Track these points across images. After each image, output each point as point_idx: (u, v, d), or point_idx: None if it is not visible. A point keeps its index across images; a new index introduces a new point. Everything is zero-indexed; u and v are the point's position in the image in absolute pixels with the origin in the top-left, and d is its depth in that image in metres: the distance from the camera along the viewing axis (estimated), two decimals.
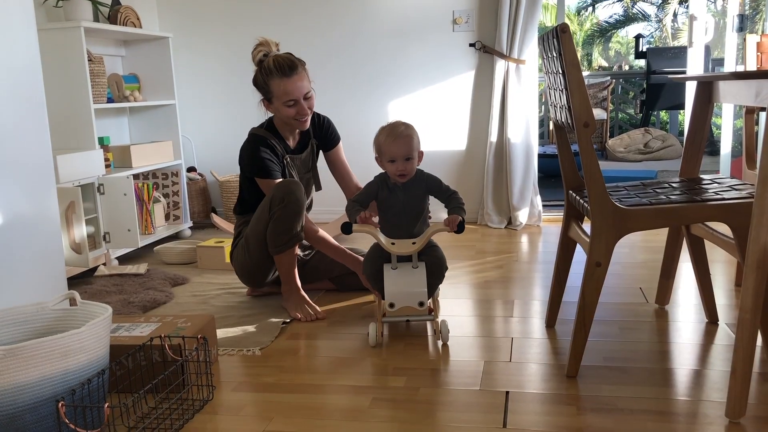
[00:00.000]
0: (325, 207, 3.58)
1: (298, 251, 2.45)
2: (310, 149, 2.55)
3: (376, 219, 2.15)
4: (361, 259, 2.37)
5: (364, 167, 2.55)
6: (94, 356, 1.50)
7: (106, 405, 1.43)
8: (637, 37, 8.72)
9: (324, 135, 2.57)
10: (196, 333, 1.85)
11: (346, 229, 2.06)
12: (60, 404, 1.38)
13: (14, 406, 1.38)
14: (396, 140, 2.09)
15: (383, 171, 2.17)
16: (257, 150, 2.38)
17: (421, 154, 2.16)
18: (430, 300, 2.18)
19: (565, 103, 1.70)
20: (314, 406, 1.68)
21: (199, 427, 1.59)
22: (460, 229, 2.02)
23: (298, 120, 2.37)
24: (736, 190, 1.77)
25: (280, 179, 2.36)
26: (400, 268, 2.10)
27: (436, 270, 2.14)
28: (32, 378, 1.39)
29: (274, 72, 2.30)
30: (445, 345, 2.04)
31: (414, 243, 2.09)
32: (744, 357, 1.46)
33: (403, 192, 2.14)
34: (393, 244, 2.10)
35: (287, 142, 2.48)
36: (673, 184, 1.93)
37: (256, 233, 2.36)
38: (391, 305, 2.06)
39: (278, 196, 2.27)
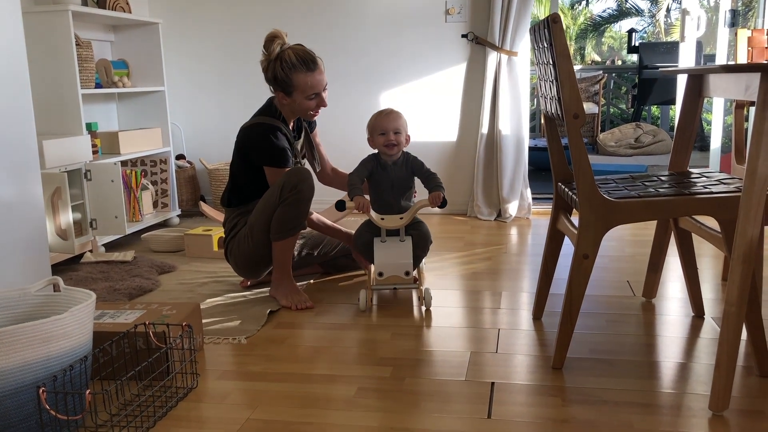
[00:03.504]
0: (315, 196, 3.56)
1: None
2: (305, 134, 2.57)
3: (367, 196, 2.33)
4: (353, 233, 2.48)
5: (355, 156, 2.55)
6: (77, 342, 1.49)
7: (87, 391, 1.42)
8: (630, 32, 8.72)
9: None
10: (181, 321, 1.84)
11: (340, 206, 2.26)
12: (41, 390, 1.37)
13: None
14: (386, 116, 2.35)
15: (376, 151, 2.37)
16: (276, 139, 2.35)
17: (408, 137, 2.37)
18: (415, 270, 2.39)
19: (555, 94, 1.69)
20: (299, 394, 1.67)
21: (182, 415, 1.58)
22: (443, 204, 2.25)
23: (315, 112, 2.40)
24: (724, 183, 1.77)
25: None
26: (389, 241, 2.30)
27: (421, 243, 2.35)
28: (13, 363, 1.37)
29: (299, 66, 2.31)
30: (428, 310, 2.24)
31: (401, 218, 2.30)
32: (728, 350, 1.46)
33: (393, 170, 2.35)
34: (383, 219, 2.30)
35: (290, 129, 2.48)
36: (662, 178, 1.93)
37: (262, 220, 2.32)
38: (380, 274, 2.27)
39: (291, 182, 2.26)
